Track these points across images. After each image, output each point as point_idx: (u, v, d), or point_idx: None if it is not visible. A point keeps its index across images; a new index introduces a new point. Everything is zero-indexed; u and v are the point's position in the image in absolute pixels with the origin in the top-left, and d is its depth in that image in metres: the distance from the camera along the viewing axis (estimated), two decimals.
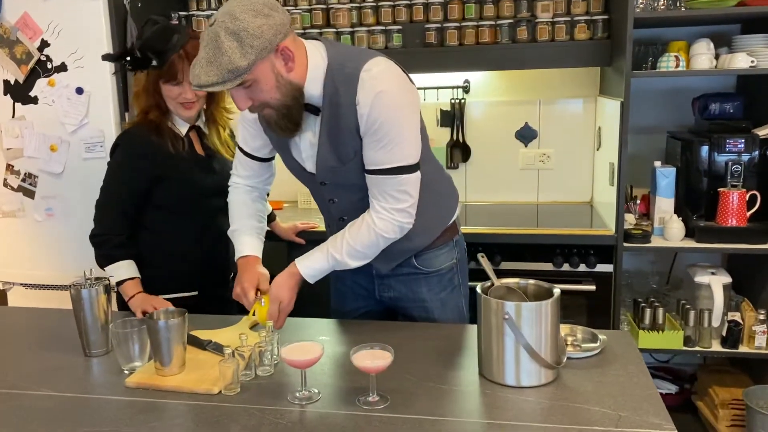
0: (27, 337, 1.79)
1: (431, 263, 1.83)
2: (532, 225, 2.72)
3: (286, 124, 1.58)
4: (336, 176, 1.69)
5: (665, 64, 2.45)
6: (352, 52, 1.66)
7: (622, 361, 1.51)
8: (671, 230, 2.51)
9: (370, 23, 2.83)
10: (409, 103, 1.61)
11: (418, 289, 1.84)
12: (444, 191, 1.85)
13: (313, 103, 1.60)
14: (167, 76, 1.89)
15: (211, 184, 2.02)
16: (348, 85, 1.55)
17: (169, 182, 1.97)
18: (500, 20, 2.71)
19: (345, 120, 1.58)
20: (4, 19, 2.61)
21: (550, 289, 1.45)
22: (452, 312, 1.87)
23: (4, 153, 2.72)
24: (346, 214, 1.77)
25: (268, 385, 1.45)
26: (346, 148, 1.62)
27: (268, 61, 1.47)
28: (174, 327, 1.45)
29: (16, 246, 2.78)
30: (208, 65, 1.42)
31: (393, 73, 1.60)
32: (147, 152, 1.94)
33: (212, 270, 2.09)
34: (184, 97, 1.92)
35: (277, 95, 1.52)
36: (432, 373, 1.48)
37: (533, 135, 3.05)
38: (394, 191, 1.61)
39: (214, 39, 1.42)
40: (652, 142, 2.89)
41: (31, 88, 2.65)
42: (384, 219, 1.64)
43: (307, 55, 1.57)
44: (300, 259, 1.69)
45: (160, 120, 1.96)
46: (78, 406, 1.38)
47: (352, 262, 1.67)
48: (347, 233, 1.67)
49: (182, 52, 1.87)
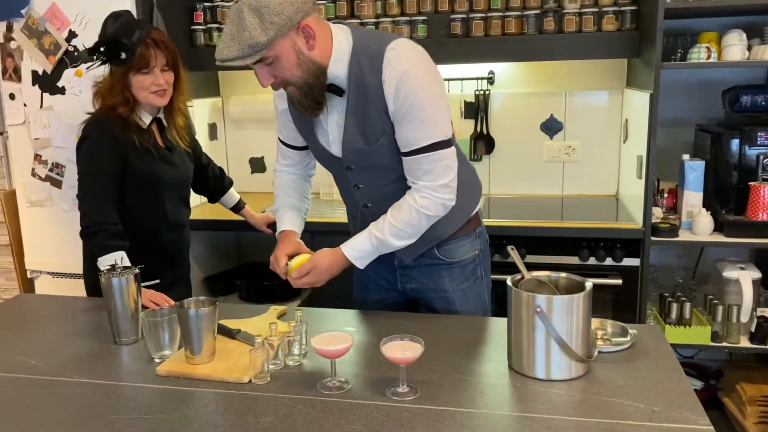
0: (57, 325, 1.81)
1: (453, 254, 1.83)
2: (557, 218, 2.69)
3: (308, 103, 1.60)
4: (362, 159, 1.69)
5: (696, 56, 2.41)
6: (376, 34, 1.69)
7: (654, 356, 1.49)
8: (700, 224, 2.47)
9: (395, 14, 2.82)
10: (435, 79, 1.62)
11: (440, 280, 1.84)
12: (468, 181, 1.85)
13: (338, 84, 1.61)
14: (138, 66, 1.93)
15: (170, 176, 2.08)
16: (373, 65, 1.57)
17: (131, 174, 1.99)
18: (527, 11, 2.68)
19: (372, 100, 1.59)
20: (33, 10, 2.63)
21: (582, 282, 1.44)
22: (474, 303, 1.87)
23: (32, 143, 2.75)
24: (370, 201, 1.77)
25: (298, 375, 1.45)
26: (373, 128, 1.63)
27: (289, 38, 1.49)
28: (204, 316, 1.46)
29: (43, 235, 2.81)
30: (230, 40, 1.46)
31: (417, 51, 1.61)
32: (115, 142, 1.96)
33: (171, 258, 2.15)
34: (156, 85, 1.96)
35: (298, 73, 1.54)
36: (460, 365, 1.47)
37: (559, 127, 3.02)
38: (434, 167, 1.62)
39: (238, 15, 1.45)
40: (680, 134, 2.84)
41: (59, 79, 2.67)
42: (426, 196, 1.64)
43: (332, 37, 1.58)
44: (344, 244, 1.71)
45: (127, 114, 1.98)
46: (111, 393, 1.40)
47: (395, 241, 1.68)
48: (389, 214, 1.68)
49: (149, 40, 1.93)
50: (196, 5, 2.99)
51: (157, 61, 1.95)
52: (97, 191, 1.95)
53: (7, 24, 2.68)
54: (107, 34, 1.92)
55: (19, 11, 2.63)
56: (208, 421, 1.27)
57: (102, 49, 1.92)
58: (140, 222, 2.03)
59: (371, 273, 1.90)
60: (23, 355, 1.59)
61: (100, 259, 1.88)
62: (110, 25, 1.92)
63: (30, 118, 2.73)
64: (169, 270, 2.14)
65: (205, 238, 3.00)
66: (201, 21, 2.98)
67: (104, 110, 1.99)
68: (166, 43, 1.98)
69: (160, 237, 2.10)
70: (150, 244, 2.05)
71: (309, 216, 1.94)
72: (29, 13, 2.63)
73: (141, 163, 2.00)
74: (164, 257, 2.12)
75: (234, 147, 3.38)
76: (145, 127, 2.03)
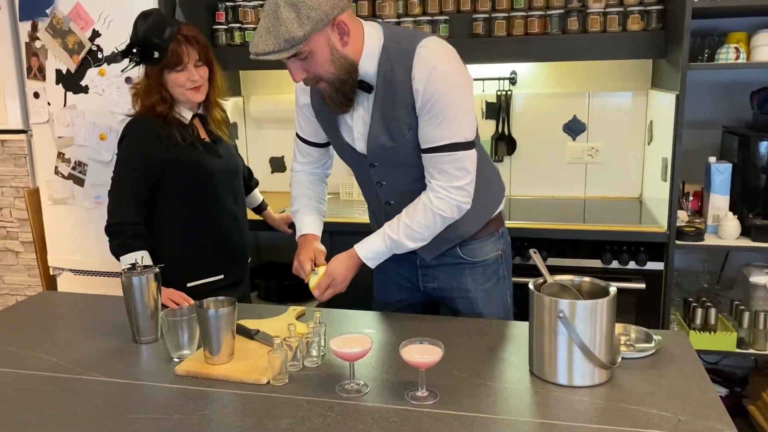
0: (78, 323, 1.82)
1: (476, 253, 1.81)
2: (579, 220, 2.66)
3: (339, 99, 1.59)
4: (386, 155, 1.68)
5: (724, 56, 2.36)
6: (409, 32, 1.68)
7: (679, 363, 1.46)
8: (726, 228, 2.42)
9: (417, 13, 2.80)
10: (464, 79, 1.61)
11: (462, 279, 1.82)
12: (490, 181, 1.83)
13: (367, 80, 1.61)
14: (172, 64, 1.93)
15: (219, 167, 2.06)
16: (403, 60, 1.56)
17: (179, 168, 1.99)
18: (550, 10, 2.65)
19: (400, 96, 1.58)
20: (58, 9, 2.65)
21: (606, 287, 1.41)
22: (497, 304, 1.85)
23: (56, 141, 2.78)
24: (393, 198, 1.76)
25: (316, 377, 1.44)
26: (399, 124, 1.62)
27: (324, 33, 1.49)
28: (224, 316, 1.46)
29: (66, 232, 2.84)
30: (266, 34, 1.46)
31: (448, 50, 1.61)
32: (155, 139, 1.96)
33: (231, 253, 2.12)
34: (191, 81, 1.96)
35: (331, 69, 1.54)
36: (481, 370, 1.45)
37: (581, 128, 2.98)
38: (452, 168, 1.61)
39: (274, 9, 1.45)
40: (706, 136, 2.79)
41: (82, 78, 2.69)
42: (441, 198, 1.63)
43: (363, 33, 1.58)
44: (358, 244, 1.70)
45: (167, 112, 1.99)
46: (129, 392, 1.40)
47: (410, 243, 1.67)
48: (404, 214, 1.66)
49: (180, 37, 1.93)
50: (218, 5, 2.99)
51: (190, 57, 1.94)
52: (124, 191, 1.97)
53: (32, 23, 2.71)
54: (138, 34, 1.92)
55: (44, 11, 2.66)
56: (226, 422, 1.27)
57: (135, 50, 1.92)
58: (196, 216, 2.02)
59: (392, 273, 1.89)
60: (45, 352, 1.60)
61: (121, 258, 1.89)
62: (141, 25, 1.92)
63: (54, 116, 2.75)
64: (230, 265, 2.11)
65: None
66: (223, 21, 2.99)
67: (144, 110, 2.00)
68: (197, 38, 1.98)
69: (219, 230, 2.07)
70: (209, 239, 2.04)
71: (328, 216, 1.93)
72: (54, 13, 2.66)
73: (187, 157, 1.99)
74: (225, 251, 2.09)
75: (254, 146, 3.39)
76: (186, 122, 2.03)
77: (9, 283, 3.12)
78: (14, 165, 2.98)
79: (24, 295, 3.09)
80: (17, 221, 3.02)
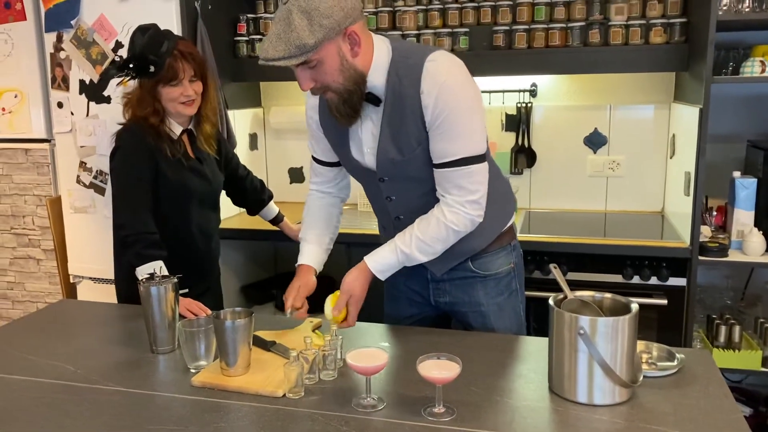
0: (97, 332, 1.83)
1: (488, 267, 1.79)
2: (600, 234, 2.62)
3: (346, 110, 1.58)
4: (396, 170, 1.67)
5: (750, 70, 2.33)
6: (416, 46, 1.68)
7: (703, 382, 1.43)
8: (751, 244, 2.38)
9: (437, 25, 2.80)
10: (474, 93, 1.60)
11: (474, 293, 1.80)
12: (501, 194, 1.81)
13: (376, 93, 1.60)
14: (167, 79, 1.95)
15: (200, 188, 2.09)
16: (412, 75, 1.55)
17: (164, 182, 2.01)
18: (571, 23, 2.64)
19: (409, 110, 1.57)
20: (82, 20, 2.69)
21: (627, 303, 1.39)
22: (509, 318, 1.82)
23: (78, 150, 2.81)
24: (402, 213, 1.75)
25: (332, 390, 1.43)
26: (408, 138, 1.61)
27: (335, 43, 1.48)
28: (240, 327, 1.45)
29: (86, 241, 2.87)
30: (277, 40, 1.45)
31: (457, 64, 1.59)
32: (148, 151, 1.98)
33: (199, 267, 2.15)
34: (185, 96, 1.98)
35: (339, 79, 1.53)
36: (498, 386, 1.43)
37: (603, 141, 2.95)
38: (465, 182, 1.59)
39: (287, 16, 1.44)
40: (730, 150, 2.75)
41: (105, 88, 2.72)
42: (455, 211, 1.61)
43: (373, 46, 1.58)
44: (369, 255, 1.68)
45: (158, 124, 2.00)
46: (146, 402, 1.40)
47: (421, 256, 1.65)
48: (416, 227, 1.65)
49: (176, 52, 1.95)
50: (239, 17, 3.02)
51: (185, 73, 1.97)
52: (134, 201, 1.97)
53: (58, 34, 2.75)
54: (136, 49, 1.94)
55: (69, 22, 2.70)
56: None
57: (131, 64, 1.94)
58: (169, 231, 2.03)
59: (403, 287, 1.87)
60: (63, 361, 1.61)
61: (139, 268, 1.89)
62: (138, 39, 1.95)
63: (76, 126, 2.79)
64: (198, 279, 2.14)
65: (243, 247, 3.02)
66: (244, 32, 3.01)
67: (136, 120, 2.02)
68: (193, 54, 2.01)
69: (190, 246, 2.11)
70: (179, 253, 2.05)
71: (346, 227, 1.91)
72: (78, 24, 2.70)
73: (172, 173, 2.02)
74: (193, 266, 2.11)
75: (273, 157, 3.40)
76: (175, 138, 2.05)
77: (30, 290, 3.16)
78: (37, 173, 3.02)
79: (44, 303, 3.13)
80: (39, 229, 3.06)
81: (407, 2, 2.88)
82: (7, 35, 2.93)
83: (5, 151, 3.04)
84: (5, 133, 3.03)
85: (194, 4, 2.67)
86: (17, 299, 3.19)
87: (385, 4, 2.89)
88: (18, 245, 3.11)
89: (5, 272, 3.17)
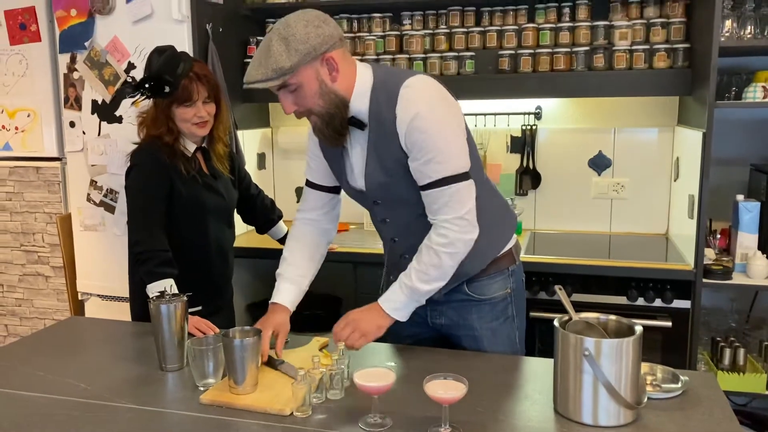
0: (106, 349, 1.85)
1: (483, 291, 1.80)
2: (604, 256, 2.64)
3: (329, 132, 1.64)
4: (386, 192, 1.71)
5: (752, 95, 2.36)
6: (396, 71, 1.72)
7: (707, 405, 1.44)
8: (754, 267, 2.39)
9: (443, 49, 2.85)
10: (448, 115, 1.63)
11: (468, 317, 1.81)
12: (497, 216, 1.81)
13: (360, 118, 1.65)
14: (182, 99, 2.00)
15: (214, 203, 2.13)
16: (389, 101, 1.60)
17: (179, 200, 2.05)
18: (576, 47, 2.68)
19: (389, 135, 1.62)
20: (96, 42, 2.75)
21: (632, 325, 1.40)
22: (503, 343, 1.82)
23: (89, 169, 2.85)
24: (398, 235, 1.79)
25: (339, 410, 1.44)
26: (393, 161, 1.65)
27: (313, 67, 1.55)
28: (249, 346, 1.47)
29: (95, 258, 2.90)
30: (258, 65, 1.54)
31: (432, 88, 1.63)
32: (163, 169, 2.03)
33: (213, 284, 2.18)
34: (198, 117, 2.03)
35: (320, 102, 1.59)
36: (504, 407, 1.44)
37: (607, 163, 2.98)
38: (449, 201, 1.61)
39: (267, 43, 1.54)
40: (734, 174, 2.77)
41: (117, 108, 2.77)
42: (442, 233, 1.62)
43: (355, 72, 1.63)
44: (381, 297, 1.69)
45: (173, 143, 2.05)
46: (155, 419, 1.42)
47: (424, 285, 1.64)
48: (414, 259, 1.67)
49: (191, 74, 2.00)
50: (249, 39, 3.08)
51: (199, 95, 2.02)
52: (148, 219, 2.01)
53: (71, 55, 2.81)
54: (152, 69, 1.99)
55: (83, 44, 2.76)
56: None
57: (147, 84, 1.99)
58: (186, 248, 2.07)
59: None
60: (74, 377, 1.62)
61: (150, 285, 1.91)
62: (155, 60, 2.00)
63: (88, 145, 2.83)
64: (213, 296, 2.17)
65: (249, 265, 3.04)
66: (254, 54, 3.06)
67: (150, 139, 2.06)
68: (208, 76, 2.06)
69: (206, 263, 2.14)
70: (195, 270, 2.08)
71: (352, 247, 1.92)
72: (92, 45, 2.75)
73: (187, 190, 2.06)
74: (209, 283, 2.15)
75: (281, 176, 3.44)
76: (189, 155, 2.09)
77: (38, 307, 3.18)
78: (48, 191, 3.06)
79: (52, 319, 3.15)
80: (48, 246, 3.09)
81: (414, 26, 2.93)
82: (22, 56, 2.99)
83: (17, 169, 3.09)
84: (18, 152, 3.08)
85: (206, 27, 2.73)
86: (25, 315, 3.21)
87: (392, 28, 2.94)
88: (27, 262, 3.14)
89: (14, 289, 3.20)
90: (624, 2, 2.69)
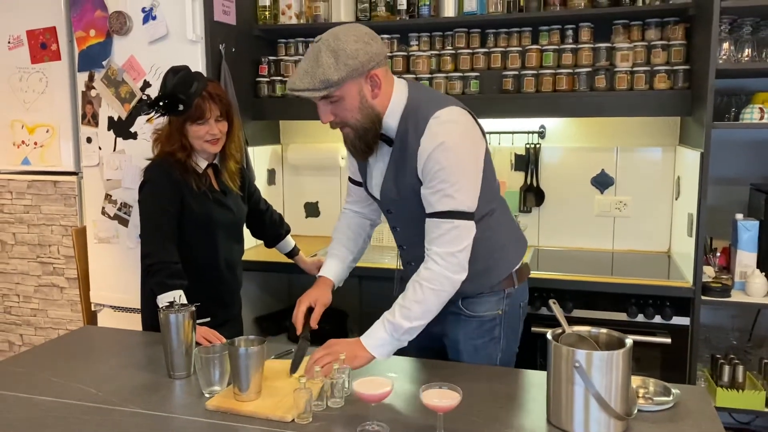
0: (117, 357, 1.92)
1: (474, 308, 1.85)
2: (606, 273, 2.68)
3: (360, 146, 1.69)
4: (397, 207, 1.79)
5: (749, 116, 2.41)
6: (431, 96, 1.73)
7: (696, 418, 1.48)
8: (753, 285, 2.42)
9: (449, 69, 2.92)
10: (469, 154, 1.66)
11: (455, 331, 1.87)
12: (501, 242, 1.84)
13: (389, 134, 1.71)
14: (195, 117, 2.07)
15: (225, 219, 2.20)
16: (417, 128, 1.65)
17: (190, 214, 2.12)
18: (578, 68, 2.74)
19: (410, 158, 1.67)
20: (113, 61, 2.85)
21: (622, 339, 1.45)
22: (482, 362, 1.84)
23: (104, 183, 2.94)
24: (406, 243, 1.88)
25: (339, 417, 1.50)
26: (406, 182, 1.71)
27: (357, 83, 1.60)
28: (254, 354, 1.53)
29: (108, 270, 2.97)
30: (304, 74, 1.57)
31: (460, 123, 1.66)
32: (175, 184, 2.10)
33: (221, 297, 2.24)
34: (211, 134, 2.10)
35: (358, 116, 1.64)
36: (499, 416, 1.49)
37: (610, 182, 3.03)
38: (445, 233, 1.63)
39: (316, 53, 1.57)
40: (734, 193, 2.81)
41: (132, 125, 2.86)
42: (428, 267, 1.64)
43: (392, 89, 1.68)
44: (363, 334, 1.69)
45: (185, 159, 2.12)
46: (162, 424, 1.48)
47: (406, 322, 1.62)
48: (401, 296, 1.68)
49: (205, 93, 2.07)
50: (261, 59, 3.17)
51: (212, 113, 2.09)
52: (159, 231, 2.08)
53: (89, 74, 2.91)
54: (167, 87, 2.07)
55: (101, 62, 2.86)
56: None
57: (162, 102, 2.07)
58: (195, 261, 2.13)
59: None
60: (86, 383, 1.69)
61: (160, 296, 1.98)
62: (170, 79, 2.08)
63: (103, 160, 2.92)
64: (221, 309, 2.23)
65: (258, 279, 3.10)
66: (265, 74, 3.15)
67: (164, 155, 2.14)
68: (220, 95, 2.14)
69: (214, 276, 2.21)
70: (204, 283, 2.15)
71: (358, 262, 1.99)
72: (109, 65, 2.85)
73: (197, 205, 2.13)
74: (217, 296, 2.22)
75: (290, 192, 3.52)
76: (201, 171, 2.17)
77: (52, 317, 3.26)
78: (64, 204, 3.15)
79: (66, 329, 3.22)
80: (64, 258, 3.18)
81: (421, 47, 3.01)
82: (42, 74, 3.10)
83: (35, 183, 3.18)
84: (37, 166, 3.18)
85: (219, 47, 2.82)
86: (39, 326, 3.29)
87: (399, 48, 3.02)
88: (43, 273, 3.23)
89: (29, 299, 3.29)
90: (626, 25, 2.76)
